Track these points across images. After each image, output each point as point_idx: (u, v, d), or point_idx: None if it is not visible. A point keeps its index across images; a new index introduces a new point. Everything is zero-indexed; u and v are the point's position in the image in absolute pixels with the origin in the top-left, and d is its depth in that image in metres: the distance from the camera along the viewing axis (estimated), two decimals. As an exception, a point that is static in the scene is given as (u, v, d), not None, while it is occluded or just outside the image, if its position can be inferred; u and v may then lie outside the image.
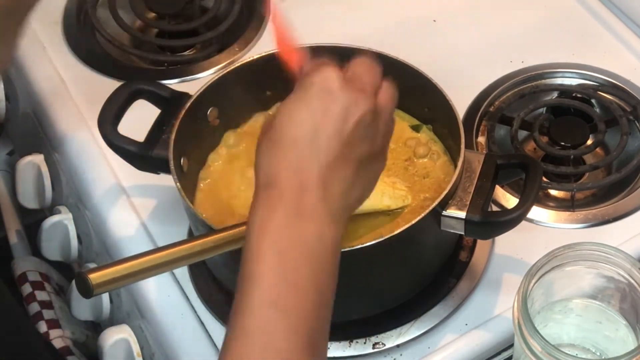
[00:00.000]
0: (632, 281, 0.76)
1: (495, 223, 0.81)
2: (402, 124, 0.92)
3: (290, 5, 1.16)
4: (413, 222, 0.76)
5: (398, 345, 0.84)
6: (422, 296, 0.86)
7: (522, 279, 0.75)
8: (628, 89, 1.04)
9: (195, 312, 0.88)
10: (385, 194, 0.83)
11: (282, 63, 0.72)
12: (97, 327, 1.07)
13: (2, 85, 1.18)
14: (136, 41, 1.15)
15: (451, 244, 0.88)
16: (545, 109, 1.03)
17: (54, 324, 1.01)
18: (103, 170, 0.98)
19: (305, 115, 0.65)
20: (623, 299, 0.78)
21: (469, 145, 0.95)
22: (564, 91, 1.05)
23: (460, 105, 0.99)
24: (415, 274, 0.86)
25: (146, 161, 0.86)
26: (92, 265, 0.98)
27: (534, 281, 0.75)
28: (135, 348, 0.91)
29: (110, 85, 1.01)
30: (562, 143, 0.99)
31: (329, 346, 0.84)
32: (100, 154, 0.99)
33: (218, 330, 0.87)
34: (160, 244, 0.92)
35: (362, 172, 0.67)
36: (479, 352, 0.85)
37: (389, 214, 0.83)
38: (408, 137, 0.91)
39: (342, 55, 0.89)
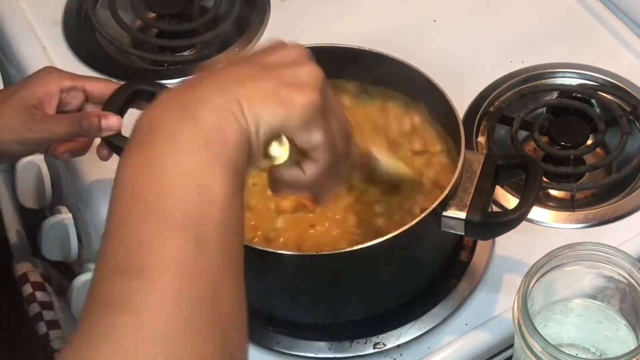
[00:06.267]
0: (632, 281, 0.76)
1: (495, 224, 0.81)
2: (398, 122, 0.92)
3: (291, 6, 1.17)
4: (413, 222, 0.76)
5: (398, 346, 0.84)
6: (423, 296, 0.86)
7: (522, 279, 0.75)
8: (628, 89, 1.04)
9: (196, 312, 0.88)
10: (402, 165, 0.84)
11: None
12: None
13: (2, 86, 1.18)
14: (136, 41, 1.15)
15: (451, 244, 0.88)
16: (545, 109, 1.03)
17: (54, 324, 1.01)
18: (103, 171, 0.98)
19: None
20: (623, 299, 0.78)
21: (469, 146, 0.95)
22: (564, 91, 1.05)
23: (460, 105, 0.98)
24: (416, 274, 0.86)
25: (146, 161, 0.86)
26: (92, 266, 0.98)
27: (534, 281, 0.75)
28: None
29: (110, 85, 1.01)
30: (562, 143, 0.99)
31: (329, 347, 0.84)
32: (101, 154, 0.99)
33: (218, 331, 0.87)
34: (161, 244, 0.92)
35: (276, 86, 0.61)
36: (479, 352, 0.85)
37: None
38: (405, 136, 0.91)
39: (342, 55, 0.90)
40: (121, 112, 0.87)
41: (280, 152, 0.62)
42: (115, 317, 0.49)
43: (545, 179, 0.96)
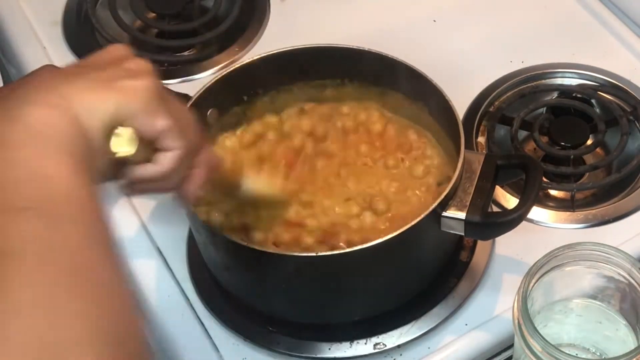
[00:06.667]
0: (632, 281, 0.76)
1: (495, 224, 0.81)
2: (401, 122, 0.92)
3: (291, 6, 1.17)
4: (413, 223, 0.76)
5: (399, 346, 0.84)
6: (423, 296, 0.86)
7: (522, 279, 0.75)
8: (628, 89, 1.04)
9: (195, 312, 0.88)
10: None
11: None
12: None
13: (2, 86, 1.18)
14: (136, 41, 1.15)
15: (451, 245, 0.88)
16: (545, 109, 1.03)
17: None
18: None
19: None
20: (623, 299, 0.78)
21: (469, 146, 0.96)
22: (564, 91, 1.05)
23: (460, 106, 0.99)
24: (416, 274, 0.86)
25: (146, 162, 0.86)
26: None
27: (534, 281, 0.75)
28: (136, 348, 0.91)
29: (110, 85, 1.01)
30: (562, 143, 0.99)
31: (329, 347, 0.84)
32: (101, 154, 0.99)
33: (218, 330, 0.87)
34: (160, 244, 0.92)
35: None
36: (479, 352, 0.85)
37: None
38: (404, 137, 0.91)
39: (342, 55, 0.90)
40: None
41: (125, 146, 0.61)
42: None
43: (545, 179, 0.96)
